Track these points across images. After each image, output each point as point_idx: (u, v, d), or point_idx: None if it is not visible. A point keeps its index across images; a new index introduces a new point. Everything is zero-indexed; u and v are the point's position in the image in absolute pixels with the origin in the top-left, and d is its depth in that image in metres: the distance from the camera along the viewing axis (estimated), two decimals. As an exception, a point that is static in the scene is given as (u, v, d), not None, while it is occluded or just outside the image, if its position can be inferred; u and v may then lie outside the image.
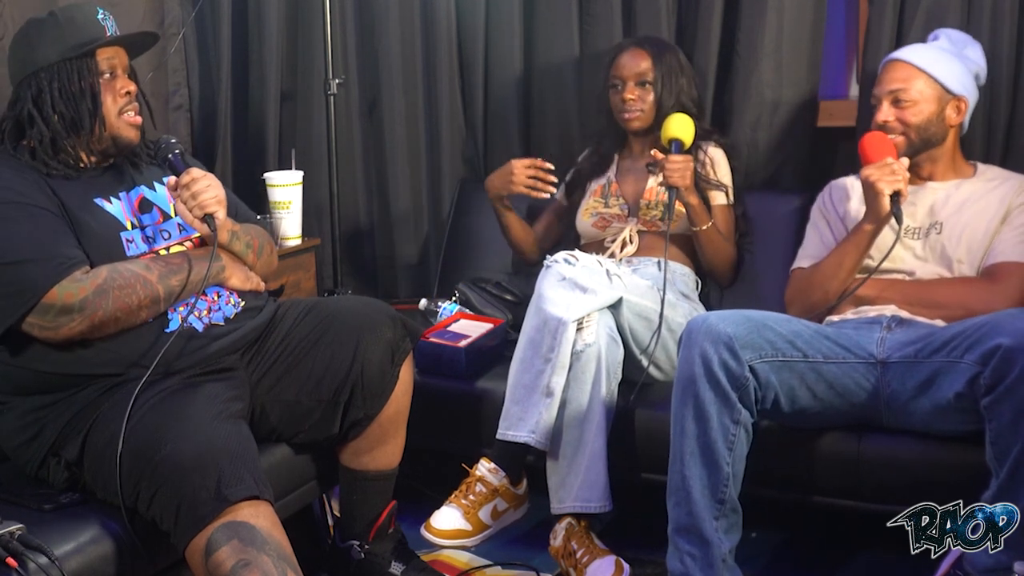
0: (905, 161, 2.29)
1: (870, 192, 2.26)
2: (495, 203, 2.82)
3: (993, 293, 2.21)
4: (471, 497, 2.41)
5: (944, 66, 2.36)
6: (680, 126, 2.61)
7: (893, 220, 2.27)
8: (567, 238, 2.93)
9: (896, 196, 2.24)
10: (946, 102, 2.35)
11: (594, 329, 2.33)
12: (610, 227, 2.77)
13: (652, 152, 2.60)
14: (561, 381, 2.32)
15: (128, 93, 2.05)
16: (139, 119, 2.08)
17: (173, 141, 2.12)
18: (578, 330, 2.33)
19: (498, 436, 2.38)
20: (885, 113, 2.35)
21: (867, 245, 2.31)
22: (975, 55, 2.44)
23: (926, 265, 2.33)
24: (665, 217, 2.57)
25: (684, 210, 2.62)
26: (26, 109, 1.98)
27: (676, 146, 2.60)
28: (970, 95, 2.39)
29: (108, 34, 2.02)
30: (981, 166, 2.45)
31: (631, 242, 2.72)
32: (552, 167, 2.72)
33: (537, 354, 2.34)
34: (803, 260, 2.49)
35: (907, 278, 2.34)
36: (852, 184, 2.49)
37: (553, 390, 2.32)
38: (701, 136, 2.75)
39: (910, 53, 2.39)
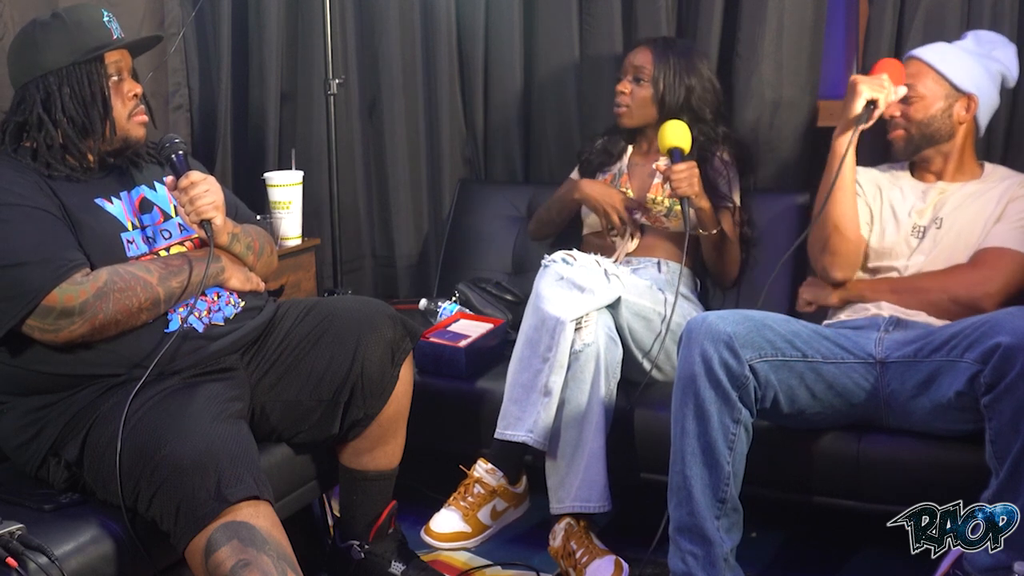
0: (902, 90, 2.33)
1: (851, 93, 2.30)
2: (573, 203, 2.81)
3: (975, 276, 2.24)
4: (469, 499, 2.41)
5: (956, 64, 2.36)
6: (675, 134, 2.56)
7: (899, 225, 2.30)
8: (575, 223, 2.92)
9: (872, 105, 2.28)
10: (954, 99, 2.36)
11: (592, 329, 2.33)
12: (614, 218, 2.77)
13: (655, 166, 2.57)
14: (559, 381, 2.32)
15: (136, 96, 2.06)
16: (147, 117, 2.09)
17: (177, 140, 2.11)
18: (576, 330, 2.33)
19: (496, 435, 2.38)
20: (891, 107, 2.37)
21: (836, 163, 2.32)
22: (1004, 56, 2.43)
23: (923, 259, 2.35)
24: (684, 227, 2.51)
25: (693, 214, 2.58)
26: (35, 112, 1.97)
27: (676, 155, 2.54)
28: (983, 94, 2.38)
29: (115, 37, 2.02)
30: (989, 166, 2.46)
31: (633, 237, 2.72)
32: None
33: (535, 353, 2.34)
34: None
35: (897, 275, 2.37)
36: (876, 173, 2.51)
37: (551, 389, 2.32)
38: (719, 139, 2.72)
39: (924, 50, 2.41)
